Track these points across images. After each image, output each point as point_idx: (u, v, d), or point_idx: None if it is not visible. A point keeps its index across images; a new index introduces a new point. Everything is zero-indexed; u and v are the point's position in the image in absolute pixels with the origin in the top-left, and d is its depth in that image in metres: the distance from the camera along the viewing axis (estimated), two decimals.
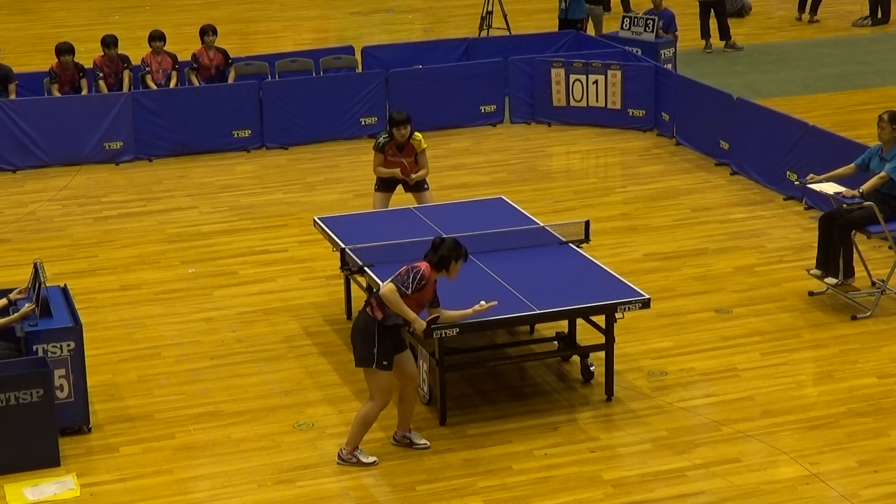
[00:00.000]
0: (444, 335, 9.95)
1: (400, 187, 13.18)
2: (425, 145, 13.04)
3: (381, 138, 13.00)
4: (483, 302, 9.89)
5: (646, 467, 9.76)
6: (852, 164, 12.62)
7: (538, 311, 10.40)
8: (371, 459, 9.79)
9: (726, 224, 14.60)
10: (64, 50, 17.32)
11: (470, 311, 9.86)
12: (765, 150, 15.67)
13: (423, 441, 10.02)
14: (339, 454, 9.83)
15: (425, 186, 13.13)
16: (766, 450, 9.97)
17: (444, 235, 9.87)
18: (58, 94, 17.25)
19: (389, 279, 9.62)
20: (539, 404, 10.69)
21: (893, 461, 9.80)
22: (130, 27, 23.41)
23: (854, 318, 12.15)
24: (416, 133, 12.97)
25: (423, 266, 9.57)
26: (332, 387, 11.04)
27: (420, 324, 9.57)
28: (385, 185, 13.13)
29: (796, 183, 13.15)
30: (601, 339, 10.74)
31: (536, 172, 16.66)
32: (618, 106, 18.01)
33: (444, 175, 16.13)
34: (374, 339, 9.49)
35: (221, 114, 17.29)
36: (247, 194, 15.88)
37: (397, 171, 12.93)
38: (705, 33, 22.24)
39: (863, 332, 11.93)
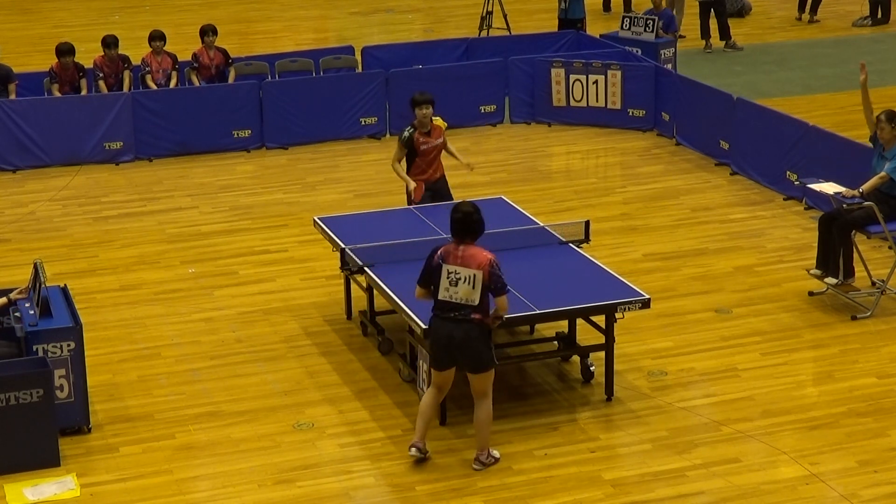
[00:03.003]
0: None
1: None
2: (446, 124, 13.02)
3: (405, 132, 12.75)
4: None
5: (646, 467, 9.76)
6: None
7: (538, 311, 10.40)
8: (498, 454, 9.85)
9: (726, 224, 14.60)
10: (64, 51, 17.31)
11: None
12: (765, 150, 15.67)
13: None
14: (479, 461, 9.73)
15: (450, 195, 13.02)
16: (766, 450, 9.97)
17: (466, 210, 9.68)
18: (58, 94, 17.25)
19: (500, 294, 9.54)
20: (539, 404, 10.69)
21: (893, 461, 9.80)
22: (130, 27, 23.42)
23: (854, 318, 12.15)
24: (435, 117, 12.91)
25: (485, 254, 9.49)
26: (332, 387, 11.04)
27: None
28: (419, 196, 12.90)
29: (796, 183, 13.15)
30: (601, 339, 10.74)
31: (536, 172, 16.67)
32: (618, 106, 18.01)
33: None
34: (490, 344, 9.58)
35: (221, 114, 17.29)
36: (247, 194, 15.88)
37: (413, 185, 12.70)
38: (705, 33, 22.24)
39: (863, 332, 11.93)
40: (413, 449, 9.79)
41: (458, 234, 9.55)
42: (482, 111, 18.29)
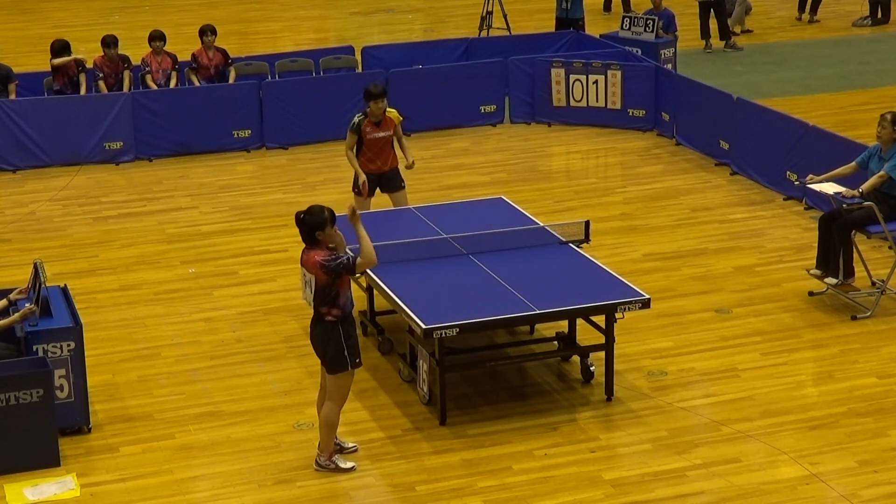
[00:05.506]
0: (443, 335, 9.96)
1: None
2: (402, 118, 13.16)
3: (355, 118, 13.02)
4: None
5: (646, 467, 9.76)
6: (853, 164, 12.63)
7: (538, 311, 10.40)
8: (350, 465, 9.74)
9: (726, 224, 14.60)
10: (59, 49, 17.30)
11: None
12: (765, 150, 15.67)
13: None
14: (316, 461, 9.76)
15: (402, 185, 13.11)
16: (766, 450, 9.97)
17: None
18: (56, 85, 17.25)
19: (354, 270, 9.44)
20: (539, 404, 10.69)
21: (893, 461, 9.80)
22: (130, 27, 23.42)
23: (854, 318, 12.15)
24: (390, 108, 13.07)
25: (315, 257, 9.42)
26: None
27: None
28: (367, 188, 13.04)
29: (796, 183, 13.15)
30: (601, 339, 10.73)
31: (536, 172, 16.66)
32: (618, 106, 18.00)
33: (444, 175, 16.14)
34: (342, 342, 9.45)
35: (221, 114, 17.29)
36: (247, 194, 15.88)
37: (363, 179, 12.83)
38: (705, 33, 22.24)
39: (863, 332, 11.93)
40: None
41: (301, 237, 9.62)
42: (482, 111, 18.28)
